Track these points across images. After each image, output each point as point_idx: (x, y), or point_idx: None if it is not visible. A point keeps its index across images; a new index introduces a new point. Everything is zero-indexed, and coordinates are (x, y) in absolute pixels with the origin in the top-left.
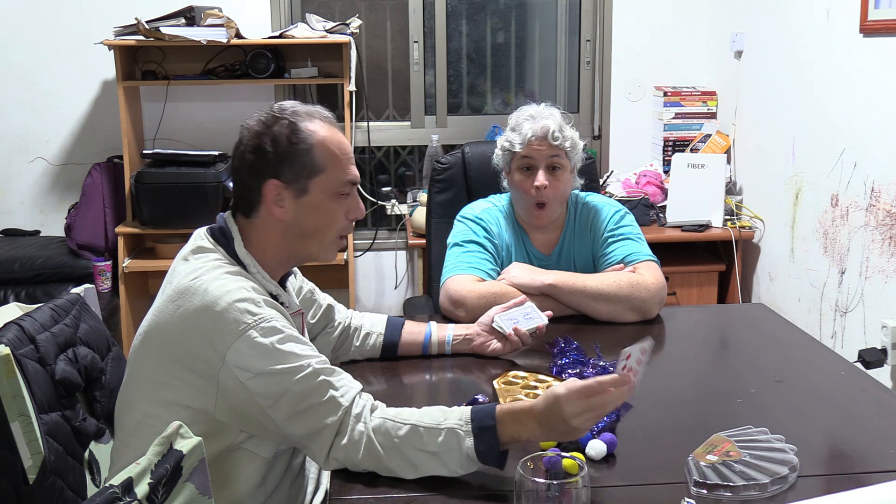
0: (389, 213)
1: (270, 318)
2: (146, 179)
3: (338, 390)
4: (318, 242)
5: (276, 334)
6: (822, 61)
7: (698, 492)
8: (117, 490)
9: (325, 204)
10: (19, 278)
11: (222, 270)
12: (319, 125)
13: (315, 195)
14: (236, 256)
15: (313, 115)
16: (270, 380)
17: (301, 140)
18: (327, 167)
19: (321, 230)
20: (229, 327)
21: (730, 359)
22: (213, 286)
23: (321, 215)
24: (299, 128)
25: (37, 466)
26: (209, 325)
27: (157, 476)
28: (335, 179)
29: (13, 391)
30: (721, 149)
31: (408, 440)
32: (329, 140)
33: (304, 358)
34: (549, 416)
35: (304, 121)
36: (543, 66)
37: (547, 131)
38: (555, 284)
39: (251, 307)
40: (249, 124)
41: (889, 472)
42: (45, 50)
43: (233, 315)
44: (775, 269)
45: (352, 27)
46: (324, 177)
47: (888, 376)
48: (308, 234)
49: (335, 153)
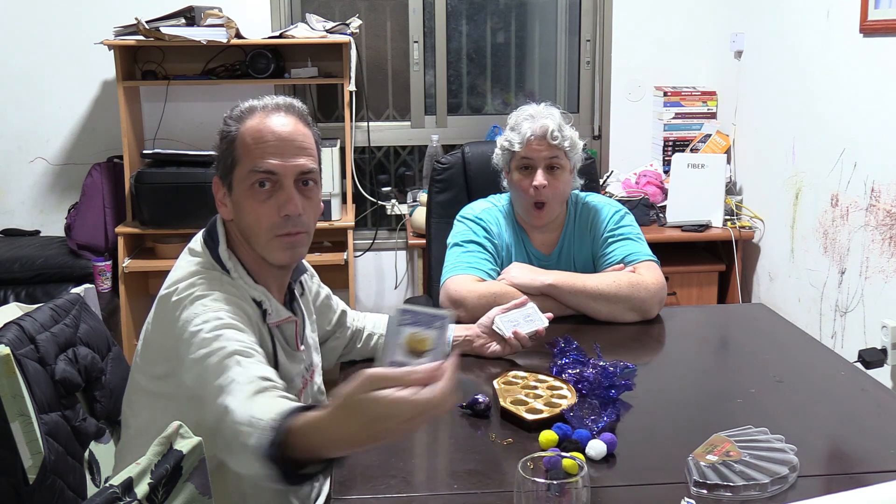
0: (389, 213)
1: (225, 307)
2: (146, 179)
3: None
4: (256, 243)
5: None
6: (822, 61)
7: (698, 492)
8: (117, 490)
9: (243, 199)
10: (19, 278)
11: (198, 289)
12: (254, 117)
13: (237, 191)
14: (221, 260)
15: (254, 109)
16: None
17: (226, 133)
18: (241, 159)
19: (252, 229)
20: (180, 304)
21: (730, 359)
22: (187, 314)
23: (246, 212)
24: (227, 121)
25: (37, 466)
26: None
27: (157, 476)
28: (245, 170)
29: (13, 391)
30: (721, 149)
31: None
32: (249, 130)
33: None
34: (361, 407)
35: (238, 113)
36: (543, 66)
37: (546, 131)
38: (555, 284)
39: (211, 302)
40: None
41: (889, 472)
42: (45, 50)
43: (189, 300)
44: (775, 269)
45: (352, 27)
46: (238, 170)
47: (888, 376)
48: (246, 233)
49: (248, 143)
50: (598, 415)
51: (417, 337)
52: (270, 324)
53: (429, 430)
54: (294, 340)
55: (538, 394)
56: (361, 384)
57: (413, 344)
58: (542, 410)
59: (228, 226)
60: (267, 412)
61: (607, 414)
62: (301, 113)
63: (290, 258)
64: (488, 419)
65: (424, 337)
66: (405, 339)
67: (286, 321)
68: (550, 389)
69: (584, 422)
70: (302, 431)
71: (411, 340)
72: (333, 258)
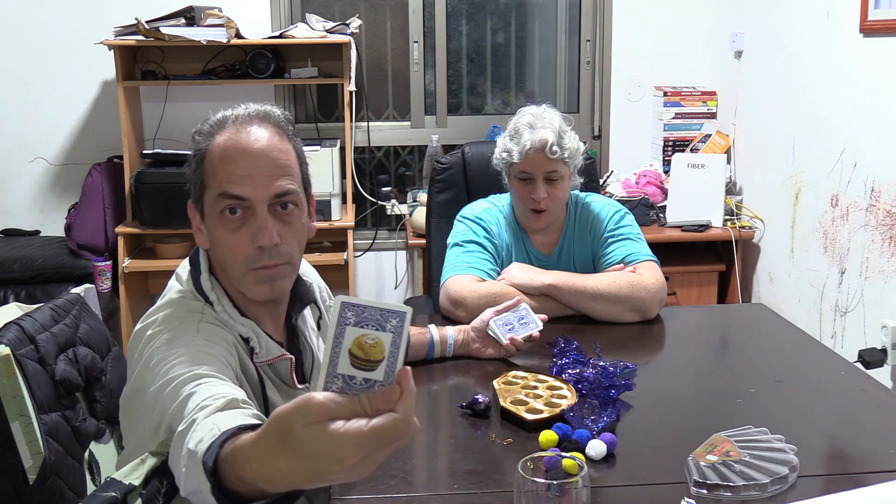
0: (389, 213)
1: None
2: (146, 179)
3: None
4: (232, 276)
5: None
6: (822, 61)
7: (698, 492)
8: (117, 494)
9: (214, 228)
10: (19, 278)
11: (179, 329)
12: (224, 132)
13: (208, 217)
14: (203, 291)
15: (225, 121)
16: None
17: (196, 152)
18: (209, 182)
19: (227, 260)
20: (149, 332)
21: (730, 359)
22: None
23: (218, 242)
24: (195, 136)
25: (37, 466)
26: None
27: (152, 489)
28: (213, 195)
29: (13, 391)
30: (721, 149)
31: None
32: (217, 148)
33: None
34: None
35: (207, 128)
36: (543, 66)
37: (545, 145)
38: (555, 285)
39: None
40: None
41: (889, 472)
42: (45, 50)
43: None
44: (775, 269)
45: (352, 27)
46: (208, 194)
47: (888, 376)
48: (223, 265)
49: (215, 163)
50: (598, 415)
51: (367, 341)
52: (258, 363)
53: (429, 430)
54: (290, 378)
55: (538, 394)
56: (296, 410)
57: (361, 350)
58: (542, 410)
59: (210, 253)
60: (207, 433)
61: (607, 414)
62: (278, 122)
63: (268, 293)
64: (488, 419)
65: (375, 342)
66: (352, 343)
67: (278, 359)
68: (550, 389)
69: (584, 422)
70: (232, 460)
71: (359, 345)
72: (333, 258)
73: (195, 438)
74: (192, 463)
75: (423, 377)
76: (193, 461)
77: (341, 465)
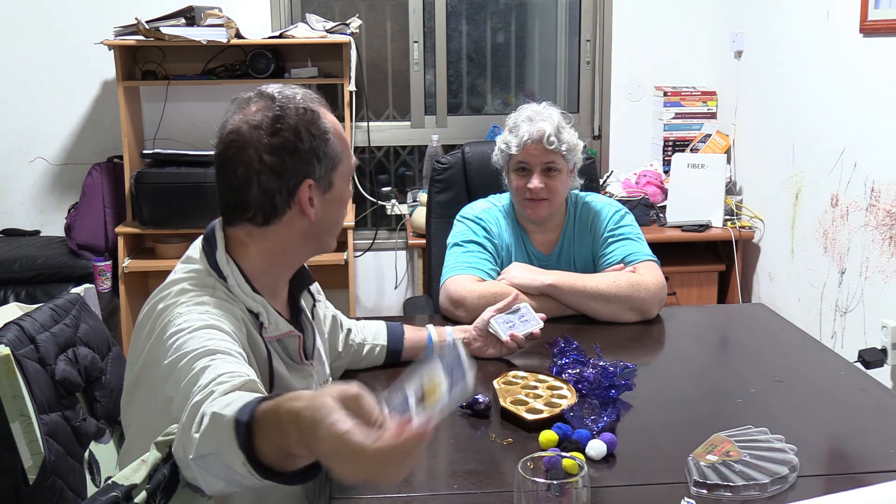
0: (389, 213)
1: (208, 304)
2: (146, 179)
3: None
4: (334, 235)
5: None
6: (822, 61)
7: (698, 492)
8: (118, 493)
9: (344, 194)
10: (19, 278)
11: (186, 296)
12: (324, 110)
13: (338, 187)
14: (217, 265)
15: (314, 98)
16: (172, 353)
17: (322, 130)
18: (342, 155)
19: (339, 221)
20: (165, 311)
21: (730, 359)
22: (169, 316)
23: (342, 206)
24: (318, 115)
25: (37, 466)
26: (155, 323)
27: (155, 482)
28: (349, 166)
29: (13, 391)
30: (721, 149)
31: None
32: (337, 126)
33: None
34: (312, 423)
35: (315, 105)
36: (543, 66)
37: (542, 135)
38: (555, 284)
39: (195, 303)
40: (256, 120)
41: (889, 472)
42: (45, 50)
43: (172, 301)
44: (775, 269)
45: (352, 27)
46: (342, 167)
47: (888, 376)
48: (328, 228)
49: (345, 138)
50: (598, 415)
51: (433, 382)
52: (267, 338)
53: None
54: (298, 354)
55: (538, 394)
56: (335, 395)
57: (427, 386)
58: (542, 410)
59: (252, 233)
60: (236, 399)
61: (607, 414)
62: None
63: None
64: (488, 419)
65: (437, 385)
66: (426, 379)
67: (287, 335)
68: (550, 389)
69: (584, 422)
70: (268, 422)
71: (429, 382)
72: (333, 258)
73: (221, 403)
74: (213, 424)
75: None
76: (216, 422)
77: (341, 463)
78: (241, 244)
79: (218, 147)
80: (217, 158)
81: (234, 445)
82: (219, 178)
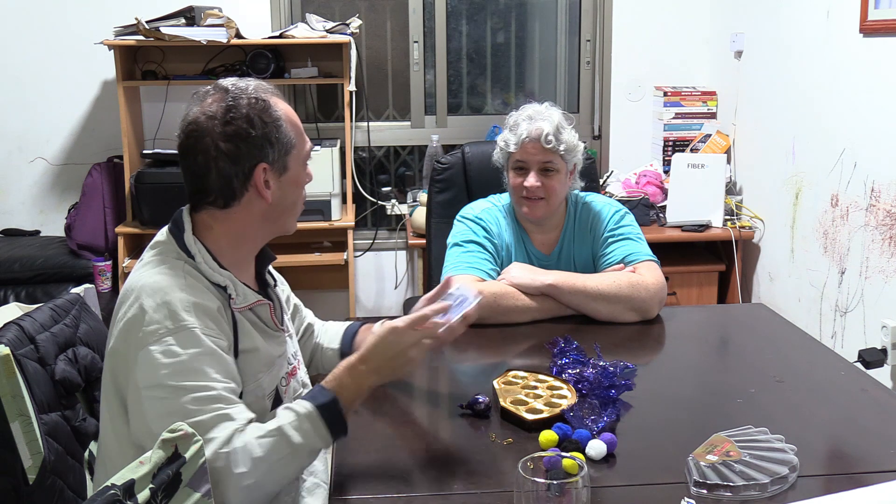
0: (389, 213)
1: (194, 326)
2: (146, 179)
3: (227, 421)
4: (293, 214)
5: (194, 347)
6: (822, 61)
7: (698, 492)
8: (118, 493)
9: (300, 177)
10: (19, 278)
11: (162, 267)
12: (276, 99)
13: (293, 170)
14: (185, 247)
15: (266, 88)
16: (166, 392)
17: (274, 118)
18: (296, 140)
19: (297, 203)
20: (150, 328)
21: (730, 359)
22: (148, 276)
23: (298, 189)
24: (269, 104)
25: (37, 466)
26: (134, 318)
27: (158, 481)
28: (304, 151)
29: (13, 391)
30: (721, 149)
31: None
32: (290, 113)
33: (210, 380)
34: (384, 350)
35: (266, 95)
36: (543, 66)
37: (541, 134)
38: (555, 284)
39: (179, 311)
40: (211, 111)
41: (889, 472)
42: (45, 50)
43: (157, 315)
44: (775, 269)
45: (352, 27)
46: (296, 151)
47: (888, 376)
48: (286, 210)
49: (298, 125)
50: (598, 415)
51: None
52: (235, 309)
53: (429, 430)
54: (272, 322)
55: (538, 394)
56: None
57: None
58: (542, 410)
59: (216, 216)
60: (294, 404)
61: (607, 414)
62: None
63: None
64: (488, 419)
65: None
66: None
67: (256, 304)
68: (550, 389)
69: (584, 422)
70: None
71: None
72: (333, 258)
73: (286, 417)
74: (306, 421)
75: (424, 377)
76: (308, 419)
77: (416, 350)
78: (207, 227)
79: (179, 138)
80: (179, 148)
81: (324, 427)
82: (182, 167)
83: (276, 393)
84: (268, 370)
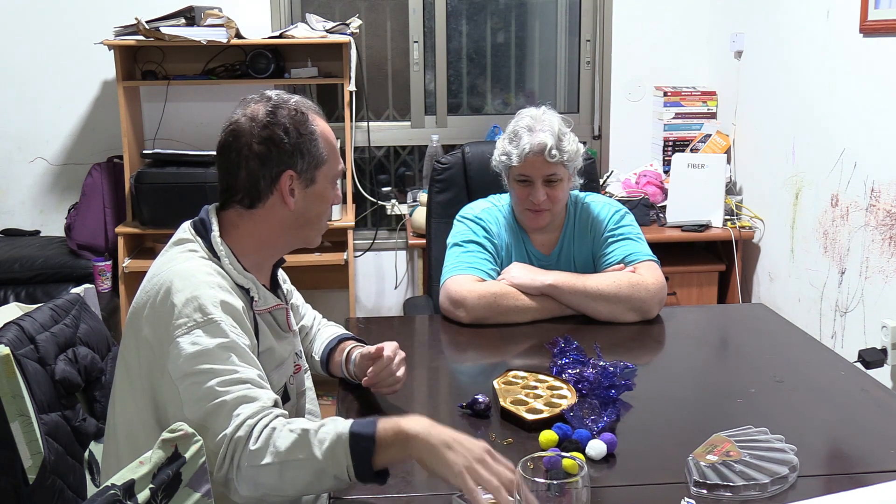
0: (389, 213)
1: (220, 320)
2: (146, 179)
3: (253, 402)
4: (316, 229)
5: (220, 337)
6: (822, 61)
7: (698, 492)
8: (118, 492)
9: (326, 193)
10: (19, 278)
11: (192, 263)
12: (315, 116)
13: (320, 184)
14: (212, 248)
15: (308, 105)
16: (196, 378)
17: (310, 131)
18: (329, 158)
19: (321, 217)
20: (179, 321)
21: (730, 359)
22: (179, 270)
23: (323, 203)
24: (308, 118)
25: (37, 466)
26: (164, 310)
27: (158, 481)
28: (335, 169)
29: (13, 391)
30: (721, 149)
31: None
32: (327, 131)
33: (236, 365)
34: (456, 444)
35: (306, 110)
36: (543, 66)
37: (544, 148)
38: (555, 285)
39: (207, 306)
40: (253, 114)
41: (889, 472)
42: (45, 50)
43: (187, 309)
44: (775, 269)
45: (352, 27)
46: (326, 167)
47: (888, 376)
48: (310, 221)
49: (333, 144)
50: (598, 415)
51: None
52: (258, 311)
53: None
54: (286, 324)
55: (538, 394)
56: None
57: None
58: (542, 410)
59: (242, 216)
60: (332, 423)
61: (607, 414)
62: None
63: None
64: (488, 419)
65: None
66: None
67: (275, 308)
68: (550, 389)
69: (584, 422)
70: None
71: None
72: (333, 258)
73: (317, 424)
74: (336, 445)
75: (424, 377)
76: (338, 443)
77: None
78: (233, 225)
79: (221, 136)
80: (218, 147)
81: (346, 454)
82: (217, 164)
83: (285, 390)
84: (277, 369)
